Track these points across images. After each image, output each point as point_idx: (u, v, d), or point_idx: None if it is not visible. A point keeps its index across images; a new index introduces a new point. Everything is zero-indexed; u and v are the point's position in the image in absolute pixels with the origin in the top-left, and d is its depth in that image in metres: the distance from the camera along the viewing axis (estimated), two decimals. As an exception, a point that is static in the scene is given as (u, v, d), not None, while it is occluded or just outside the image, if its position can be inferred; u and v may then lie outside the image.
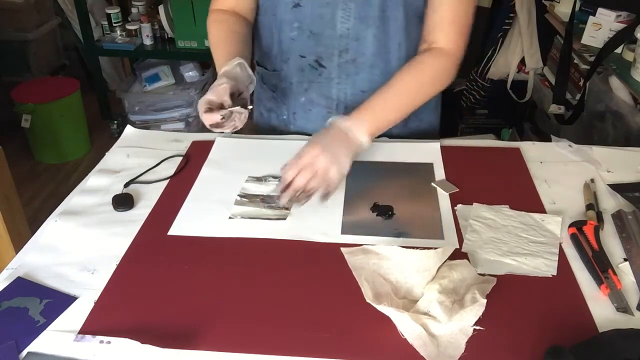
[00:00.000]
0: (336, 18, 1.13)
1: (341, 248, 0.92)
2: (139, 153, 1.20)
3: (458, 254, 0.91)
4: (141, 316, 0.82)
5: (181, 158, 1.18)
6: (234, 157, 1.18)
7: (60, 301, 0.84)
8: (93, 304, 0.83)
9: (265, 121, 1.36)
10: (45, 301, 0.84)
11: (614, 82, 1.78)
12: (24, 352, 0.76)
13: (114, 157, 1.20)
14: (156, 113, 2.98)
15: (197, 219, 1.01)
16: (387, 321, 0.78)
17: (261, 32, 1.24)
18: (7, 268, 0.91)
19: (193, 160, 1.18)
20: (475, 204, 1.02)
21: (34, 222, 1.33)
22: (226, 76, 1.02)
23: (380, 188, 1.08)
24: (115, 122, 3.10)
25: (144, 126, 2.66)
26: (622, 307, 0.81)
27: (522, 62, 2.49)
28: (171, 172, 1.14)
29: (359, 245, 0.92)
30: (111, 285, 0.87)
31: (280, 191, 0.98)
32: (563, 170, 1.13)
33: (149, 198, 1.07)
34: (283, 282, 0.87)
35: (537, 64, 2.46)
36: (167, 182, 1.11)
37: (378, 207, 1.02)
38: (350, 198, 1.05)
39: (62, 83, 2.98)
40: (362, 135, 1.02)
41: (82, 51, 3.31)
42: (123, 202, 1.04)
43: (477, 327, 0.77)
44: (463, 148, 1.22)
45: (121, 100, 3.00)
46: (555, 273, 0.87)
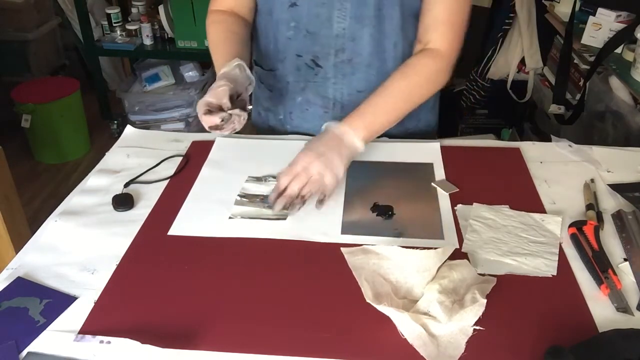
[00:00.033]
0: (332, 18, 1.13)
1: (341, 248, 0.92)
2: (139, 153, 1.20)
3: (458, 254, 0.91)
4: (141, 316, 0.82)
5: (181, 158, 1.18)
6: (234, 157, 1.18)
7: (60, 301, 0.84)
8: (93, 304, 0.83)
9: (263, 121, 1.36)
10: (45, 301, 0.84)
11: (614, 82, 1.78)
12: (24, 352, 0.76)
13: (114, 157, 1.20)
14: (156, 113, 2.98)
15: (197, 219, 1.01)
16: (387, 321, 0.78)
17: (258, 32, 1.24)
18: (7, 268, 0.91)
19: (193, 160, 1.18)
20: (475, 204, 1.02)
21: (34, 222, 1.33)
22: (225, 78, 1.02)
23: (380, 188, 1.08)
24: (115, 122, 3.10)
25: (144, 126, 2.67)
26: (622, 307, 0.81)
27: (522, 62, 2.49)
28: (171, 172, 1.14)
29: (359, 245, 0.92)
30: (111, 285, 0.87)
31: (274, 198, 0.98)
32: (563, 170, 1.13)
33: (149, 198, 1.07)
34: (283, 282, 0.87)
35: (537, 64, 2.46)
36: (167, 182, 1.11)
37: (378, 207, 1.02)
38: (350, 198, 1.05)
39: (62, 83, 2.98)
40: (357, 139, 1.02)
41: (82, 51, 3.31)
42: (123, 202, 1.04)
43: (477, 327, 0.77)
44: (463, 148, 1.22)
45: (121, 100, 3.00)
46: (555, 273, 0.87)
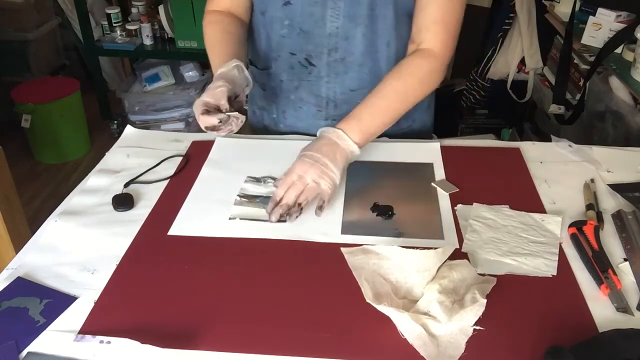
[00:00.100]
0: (326, 16, 1.13)
1: (341, 248, 0.92)
2: (139, 153, 1.20)
3: (458, 254, 0.91)
4: (141, 316, 0.82)
5: (181, 158, 1.18)
6: (234, 157, 1.18)
7: (60, 301, 0.84)
8: (93, 304, 0.83)
9: (258, 120, 1.36)
10: (45, 301, 0.84)
11: (614, 82, 1.78)
12: (24, 352, 0.76)
13: (114, 157, 1.20)
14: (156, 113, 2.98)
15: (197, 219, 1.01)
16: (387, 321, 0.78)
17: (253, 31, 1.24)
18: (7, 268, 0.91)
19: (193, 160, 1.18)
20: (475, 204, 1.02)
21: (34, 222, 1.33)
22: (223, 78, 1.02)
23: (380, 188, 1.08)
24: (115, 122, 3.10)
25: (144, 126, 2.67)
26: (622, 307, 0.81)
27: (522, 62, 2.49)
28: (171, 172, 1.14)
29: (359, 245, 0.92)
30: (111, 285, 0.87)
31: (270, 209, 0.98)
32: (563, 170, 1.13)
33: (149, 198, 1.07)
34: (283, 282, 0.87)
35: (537, 64, 2.46)
36: (167, 182, 1.11)
37: (378, 207, 1.02)
38: (350, 198, 1.05)
39: (62, 83, 2.98)
40: (353, 143, 1.03)
41: (82, 51, 3.32)
42: (123, 202, 1.04)
43: (477, 327, 0.77)
44: (463, 148, 1.22)
45: (121, 100, 3.00)
46: (555, 273, 0.87)
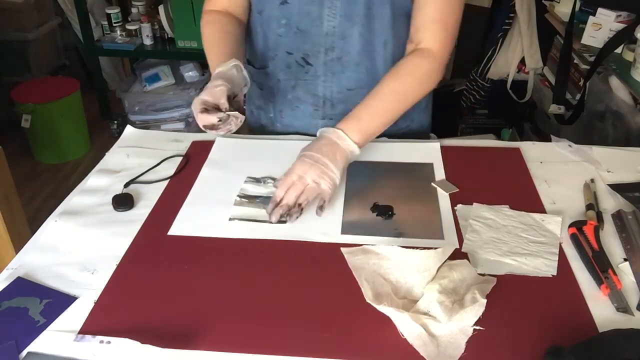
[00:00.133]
0: (323, 16, 1.13)
1: (341, 248, 0.92)
2: (139, 153, 1.20)
3: (458, 254, 0.91)
4: (141, 316, 0.82)
5: (181, 158, 1.18)
6: (234, 157, 1.18)
7: (60, 301, 0.84)
8: (93, 304, 0.83)
9: (255, 119, 1.36)
10: (45, 301, 0.84)
11: (614, 82, 1.78)
12: (24, 352, 0.76)
13: (114, 157, 1.20)
14: (156, 113, 2.98)
15: (197, 219, 1.01)
16: (387, 321, 0.78)
17: (250, 30, 1.24)
18: (7, 268, 0.91)
19: (193, 160, 1.18)
20: (475, 204, 1.02)
21: (34, 222, 1.33)
22: (222, 77, 1.02)
23: (380, 188, 1.08)
24: (115, 122, 3.10)
25: (144, 126, 2.67)
26: (622, 307, 0.81)
27: (522, 62, 2.49)
28: (171, 172, 1.14)
29: (359, 245, 0.92)
30: (111, 285, 0.87)
31: (270, 209, 0.98)
32: (563, 170, 1.13)
33: (149, 198, 1.07)
34: (283, 282, 0.87)
35: (537, 64, 2.46)
36: (167, 182, 1.11)
37: (378, 207, 1.02)
38: (350, 198, 1.05)
39: (62, 83, 2.97)
40: (353, 143, 1.03)
41: (82, 51, 3.31)
42: (123, 202, 1.04)
43: (477, 327, 0.77)
44: (463, 148, 1.22)
45: (121, 100, 3.00)
46: (555, 273, 0.87)
